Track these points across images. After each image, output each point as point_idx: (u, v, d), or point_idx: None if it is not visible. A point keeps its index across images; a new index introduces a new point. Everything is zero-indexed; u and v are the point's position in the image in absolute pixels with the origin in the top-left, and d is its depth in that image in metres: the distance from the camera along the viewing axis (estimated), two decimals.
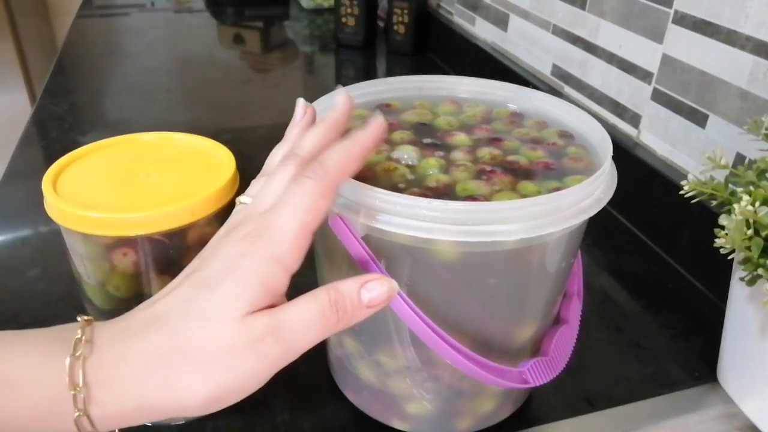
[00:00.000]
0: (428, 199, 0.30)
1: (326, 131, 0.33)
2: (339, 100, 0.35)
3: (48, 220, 0.37)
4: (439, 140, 0.40)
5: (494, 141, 0.40)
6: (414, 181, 0.36)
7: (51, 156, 0.68)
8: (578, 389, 0.45)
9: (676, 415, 0.44)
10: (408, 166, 0.37)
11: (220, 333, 0.26)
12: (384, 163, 0.37)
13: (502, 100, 0.46)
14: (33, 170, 0.70)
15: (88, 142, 0.42)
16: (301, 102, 0.36)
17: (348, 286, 0.29)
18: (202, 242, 0.39)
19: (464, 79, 0.46)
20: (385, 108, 0.44)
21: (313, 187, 0.28)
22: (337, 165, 0.29)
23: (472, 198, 0.34)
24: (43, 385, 0.26)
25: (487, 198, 0.34)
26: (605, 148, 0.37)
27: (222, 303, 0.27)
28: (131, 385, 0.26)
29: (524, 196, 0.34)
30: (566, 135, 0.41)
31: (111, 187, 0.39)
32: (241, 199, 0.32)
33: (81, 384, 0.26)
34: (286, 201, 0.29)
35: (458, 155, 0.38)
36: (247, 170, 0.44)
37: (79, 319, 0.28)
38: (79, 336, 0.26)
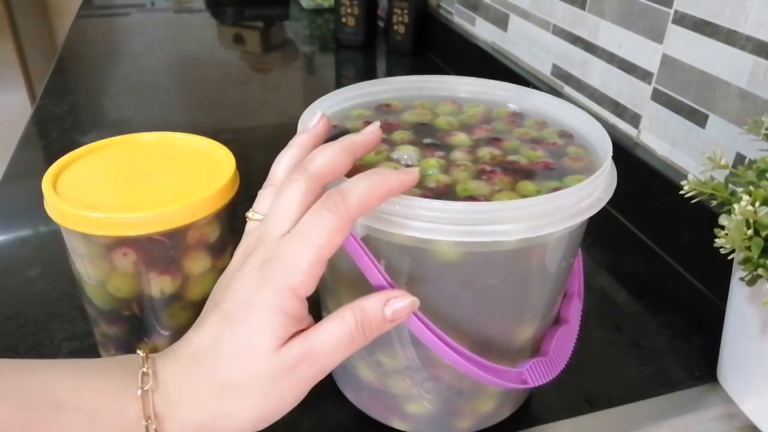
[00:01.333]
0: (428, 200, 0.30)
1: (342, 152, 0.31)
2: (369, 129, 0.34)
3: (48, 220, 0.37)
4: (439, 140, 0.40)
5: (494, 141, 0.40)
6: None
7: (51, 156, 0.68)
8: (578, 389, 0.45)
9: (676, 415, 0.44)
10: (408, 166, 0.37)
11: (258, 367, 0.28)
12: (384, 164, 0.37)
13: (502, 100, 0.46)
14: (33, 170, 0.70)
15: (88, 142, 0.42)
16: (318, 112, 0.35)
17: (372, 305, 0.30)
18: (202, 242, 0.39)
19: (464, 79, 0.46)
20: (385, 108, 0.44)
21: (331, 221, 0.28)
22: (359, 201, 0.29)
23: (472, 198, 0.34)
24: (118, 414, 0.28)
25: (487, 198, 0.34)
26: (605, 148, 0.37)
27: (250, 338, 0.28)
28: (191, 416, 0.29)
29: (524, 196, 0.34)
30: (566, 135, 0.41)
31: (111, 187, 0.39)
32: (252, 215, 0.32)
33: (153, 416, 0.28)
34: (301, 232, 0.29)
35: (458, 155, 0.38)
36: (247, 170, 0.44)
37: (139, 352, 0.29)
38: (144, 370, 0.28)
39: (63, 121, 0.84)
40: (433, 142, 0.40)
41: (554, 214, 0.31)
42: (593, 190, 0.33)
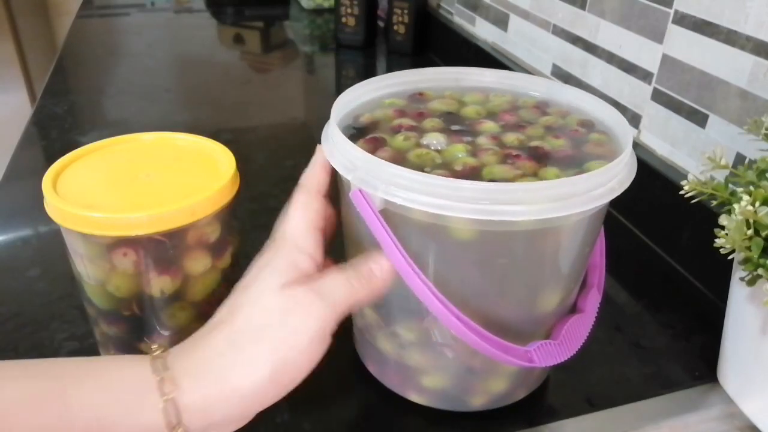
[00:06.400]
0: (445, 177, 0.31)
1: (318, 166, 0.38)
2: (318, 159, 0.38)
3: (48, 220, 0.37)
4: (467, 127, 0.41)
5: (520, 127, 0.41)
6: (442, 164, 0.36)
7: (51, 156, 0.68)
8: (578, 389, 0.45)
9: (676, 415, 0.44)
10: (437, 151, 0.38)
11: (267, 304, 0.32)
12: (414, 149, 0.38)
13: (527, 91, 0.46)
14: (33, 170, 0.70)
15: (88, 142, 0.42)
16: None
17: (365, 262, 0.34)
18: (202, 242, 0.39)
19: (497, 71, 0.47)
20: (418, 97, 0.45)
21: (301, 194, 0.36)
22: (309, 176, 0.37)
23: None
24: (140, 423, 0.29)
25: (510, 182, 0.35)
26: (626, 136, 0.37)
27: (261, 285, 0.33)
28: (207, 378, 0.30)
29: None
30: (588, 123, 0.42)
31: (111, 187, 0.39)
32: None
33: (176, 422, 0.29)
34: (290, 211, 0.36)
35: (484, 140, 0.39)
36: (247, 170, 0.44)
37: (150, 351, 0.31)
38: (162, 376, 0.29)
39: (63, 121, 0.84)
40: (461, 129, 0.40)
41: (570, 198, 0.31)
42: (611, 177, 0.33)
